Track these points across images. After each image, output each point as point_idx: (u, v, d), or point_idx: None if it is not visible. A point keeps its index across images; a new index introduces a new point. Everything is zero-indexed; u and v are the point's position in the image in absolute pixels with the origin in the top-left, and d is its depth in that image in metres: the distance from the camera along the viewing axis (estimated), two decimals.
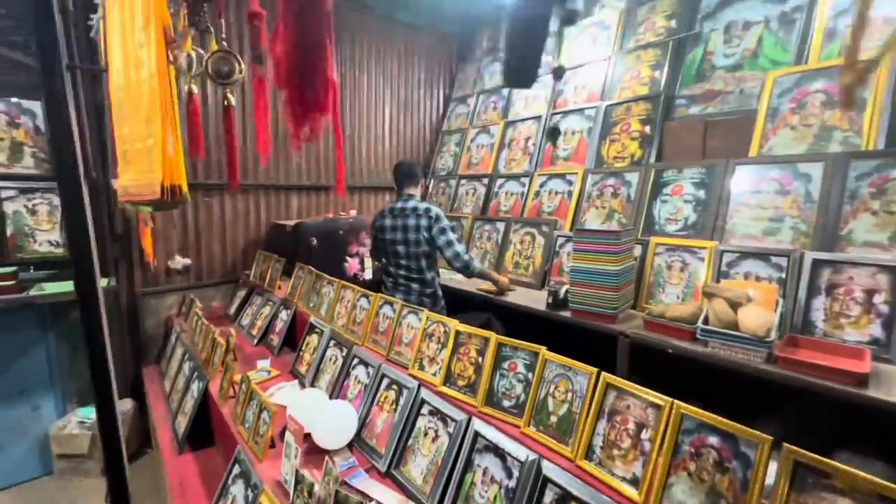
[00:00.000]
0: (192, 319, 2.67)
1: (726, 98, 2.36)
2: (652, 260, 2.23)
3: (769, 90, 2.14)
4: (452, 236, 2.35)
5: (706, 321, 1.73)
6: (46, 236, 2.58)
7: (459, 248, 2.35)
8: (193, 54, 0.96)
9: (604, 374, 1.10)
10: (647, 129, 2.62)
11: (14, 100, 2.40)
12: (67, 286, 2.53)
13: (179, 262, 3.10)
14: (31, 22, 0.70)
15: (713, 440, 0.89)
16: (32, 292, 2.43)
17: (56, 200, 2.57)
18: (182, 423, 2.10)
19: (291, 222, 3.18)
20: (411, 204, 2.41)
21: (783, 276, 1.82)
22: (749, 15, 2.35)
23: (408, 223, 2.38)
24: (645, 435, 0.98)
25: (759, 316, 1.62)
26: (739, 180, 2.11)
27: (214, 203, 3.22)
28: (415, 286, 2.45)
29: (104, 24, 2.01)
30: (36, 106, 2.46)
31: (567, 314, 2.15)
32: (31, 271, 2.59)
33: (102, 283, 2.71)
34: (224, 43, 0.93)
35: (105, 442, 0.88)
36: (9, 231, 2.48)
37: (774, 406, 1.88)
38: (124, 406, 2.80)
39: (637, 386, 1.03)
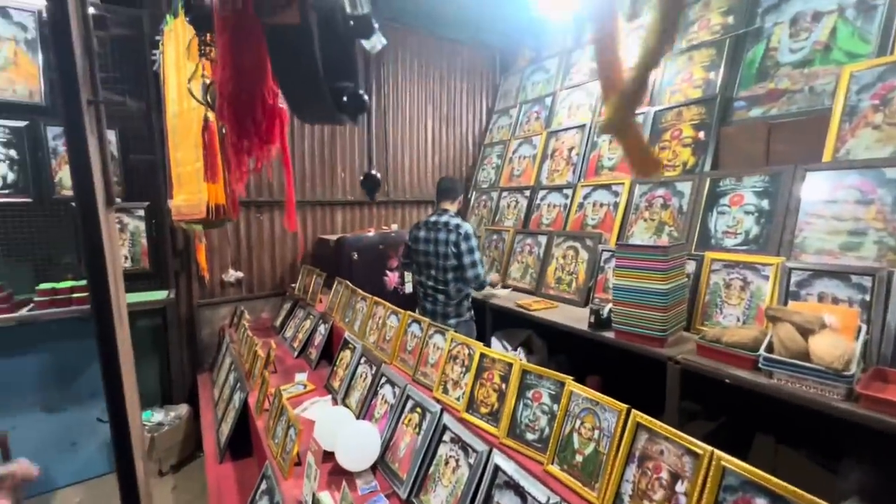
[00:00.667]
0: (241, 330, 2.80)
1: (793, 97, 2.12)
2: (707, 277, 2.03)
3: (845, 86, 1.88)
4: (477, 257, 2.45)
5: (770, 349, 1.53)
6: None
7: (481, 269, 2.46)
8: (208, 82, 1.00)
9: (634, 412, 0.98)
10: (701, 134, 2.42)
11: None
12: (132, 297, 2.76)
13: (232, 275, 3.27)
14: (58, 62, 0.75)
15: (761, 503, 0.75)
16: None
17: (126, 219, 2.82)
18: (224, 431, 2.18)
19: (334, 237, 3.26)
20: (444, 218, 2.48)
21: (867, 297, 1.57)
22: (819, 4, 2.10)
23: (439, 237, 2.46)
24: (680, 487, 0.85)
25: (835, 345, 1.40)
26: (811, 188, 1.87)
27: (265, 219, 3.39)
28: (440, 297, 2.54)
29: (163, 59, 2.20)
30: (111, 134, 2.73)
31: (610, 335, 2.00)
32: None
33: (162, 295, 2.94)
34: None
35: (118, 455, 0.91)
36: None
37: (862, 446, 1.62)
38: (181, 411, 2.99)
39: (671, 429, 0.91)
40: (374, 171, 2.05)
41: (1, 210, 2.55)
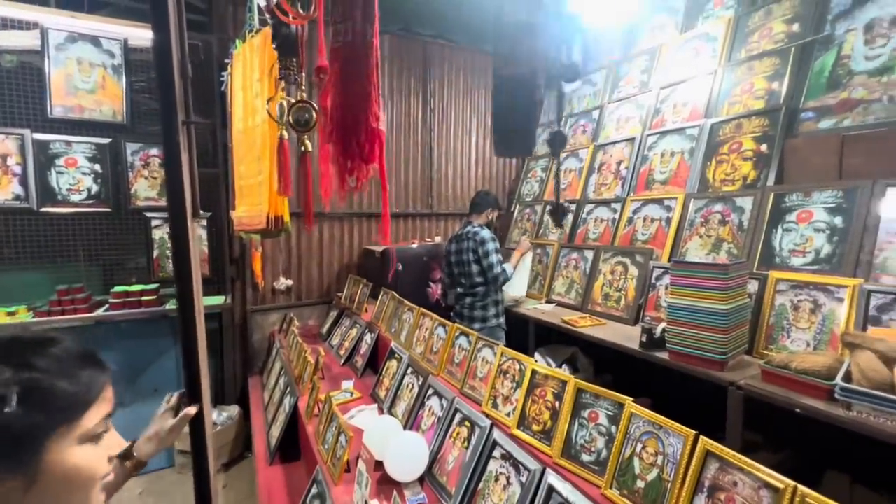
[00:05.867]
0: (290, 337, 2.91)
1: (869, 108, 1.98)
2: (772, 298, 1.91)
3: None
4: (494, 259, 2.64)
5: (848, 378, 1.41)
6: None
7: (498, 269, 2.64)
8: (285, 104, 1.07)
9: (703, 438, 0.93)
10: (764, 147, 2.30)
11: None
12: None
13: (283, 283, 3.42)
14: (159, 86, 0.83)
15: None
16: (169, 306, 2.85)
17: None
18: (274, 434, 2.26)
19: (380, 248, 3.34)
20: (467, 229, 2.73)
21: None
22: None
23: (462, 247, 2.72)
24: None
25: None
26: (892, 205, 1.73)
27: (314, 230, 3.52)
28: (467, 300, 2.74)
29: (231, 79, 2.35)
30: None
31: (664, 356, 1.92)
32: (172, 288, 3.05)
33: (220, 300, 3.11)
34: (303, 94, 1.03)
35: (195, 444, 0.97)
36: (155, 254, 2.96)
37: None
38: (233, 412, 3.12)
39: (746, 459, 0.85)
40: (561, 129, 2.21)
41: (84, 218, 2.80)
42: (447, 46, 3.95)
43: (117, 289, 2.76)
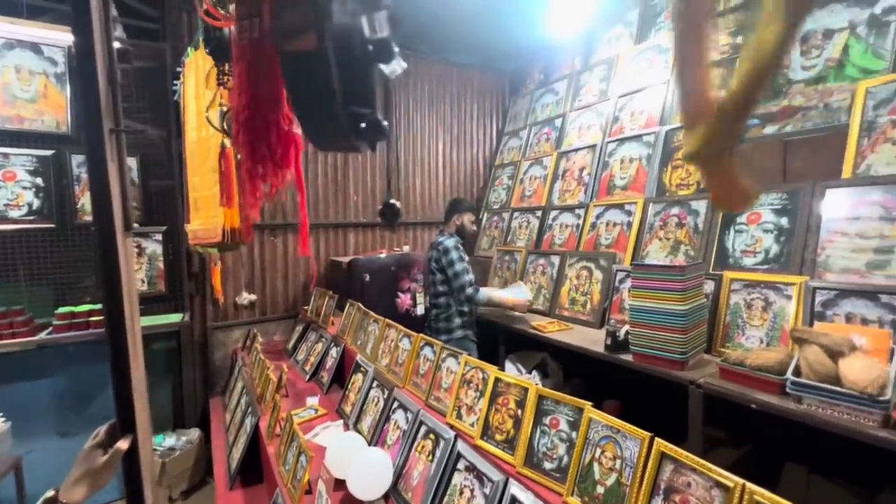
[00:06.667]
0: (253, 353, 2.80)
1: (808, 114, 2.10)
2: (727, 297, 1.98)
3: (862, 102, 1.86)
4: (459, 268, 2.55)
5: (797, 372, 1.47)
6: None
7: (465, 278, 2.53)
8: (225, 110, 1.03)
9: (658, 441, 0.93)
10: None
11: None
12: (148, 320, 2.79)
13: (246, 297, 3.30)
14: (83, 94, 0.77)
15: None
16: None
17: (144, 243, 2.88)
18: (235, 457, 2.15)
19: (346, 259, 3.28)
20: (437, 238, 2.73)
21: None
22: (829, 22, 2.10)
23: (429, 256, 2.75)
24: None
25: (868, 368, 1.34)
26: (832, 205, 1.83)
27: (278, 242, 3.43)
28: (433, 311, 2.72)
29: (184, 88, 2.28)
30: (132, 161, 2.82)
31: (628, 357, 1.95)
32: None
33: (177, 318, 2.96)
34: None
35: (128, 482, 0.90)
36: None
37: None
38: (193, 435, 2.96)
39: (698, 459, 0.86)
40: (392, 201, 2.10)
41: (26, 236, 2.63)
42: (411, 57, 3.95)
43: (62, 310, 2.58)
